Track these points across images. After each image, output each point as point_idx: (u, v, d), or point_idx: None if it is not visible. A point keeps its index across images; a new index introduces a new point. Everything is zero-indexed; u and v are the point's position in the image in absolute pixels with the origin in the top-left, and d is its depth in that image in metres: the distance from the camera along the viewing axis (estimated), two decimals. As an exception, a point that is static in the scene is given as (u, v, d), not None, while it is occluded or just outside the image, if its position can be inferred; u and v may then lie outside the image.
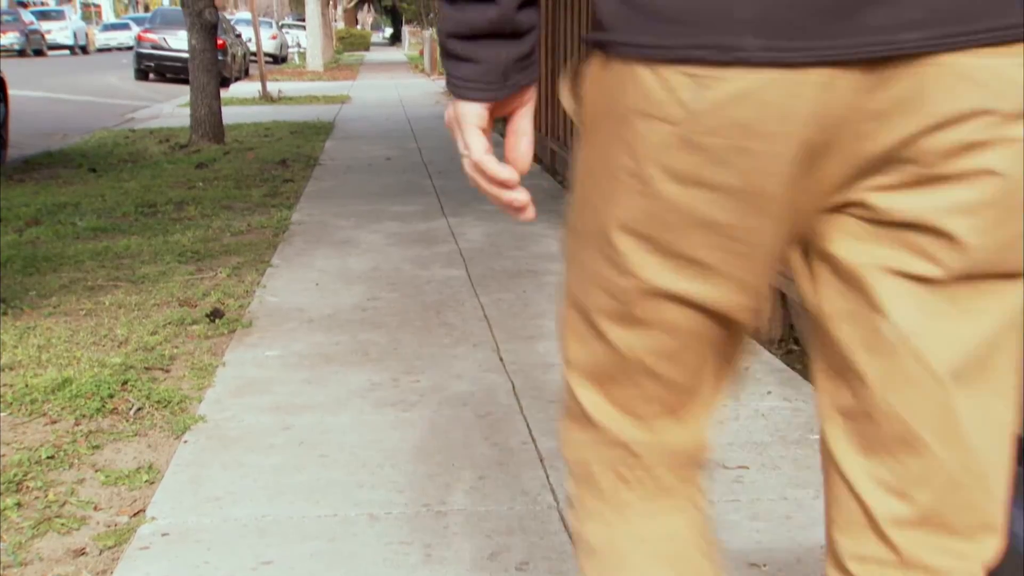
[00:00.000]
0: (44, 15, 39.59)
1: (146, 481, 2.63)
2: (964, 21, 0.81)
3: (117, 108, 16.09)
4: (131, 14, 55.44)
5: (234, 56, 23.30)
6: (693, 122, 0.86)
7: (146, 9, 56.80)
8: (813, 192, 0.90)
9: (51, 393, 3.15)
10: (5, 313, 4.06)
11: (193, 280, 4.68)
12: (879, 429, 0.92)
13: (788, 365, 3.44)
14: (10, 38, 33.31)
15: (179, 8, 10.96)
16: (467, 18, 0.92)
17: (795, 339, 3.65)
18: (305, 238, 5.64)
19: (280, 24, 42.16)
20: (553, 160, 8.32)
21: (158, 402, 3.12)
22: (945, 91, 0.83)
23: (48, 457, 2.74)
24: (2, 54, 28.64)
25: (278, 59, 34.95)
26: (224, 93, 12.75)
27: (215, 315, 4.03)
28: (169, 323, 3.96)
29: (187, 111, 10.43)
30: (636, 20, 0.87)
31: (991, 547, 0.94)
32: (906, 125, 0.85)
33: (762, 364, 3.44)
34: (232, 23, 27.76)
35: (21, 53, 33.64)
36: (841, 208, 0.91)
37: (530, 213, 1.01)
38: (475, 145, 0.98)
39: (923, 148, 0.85)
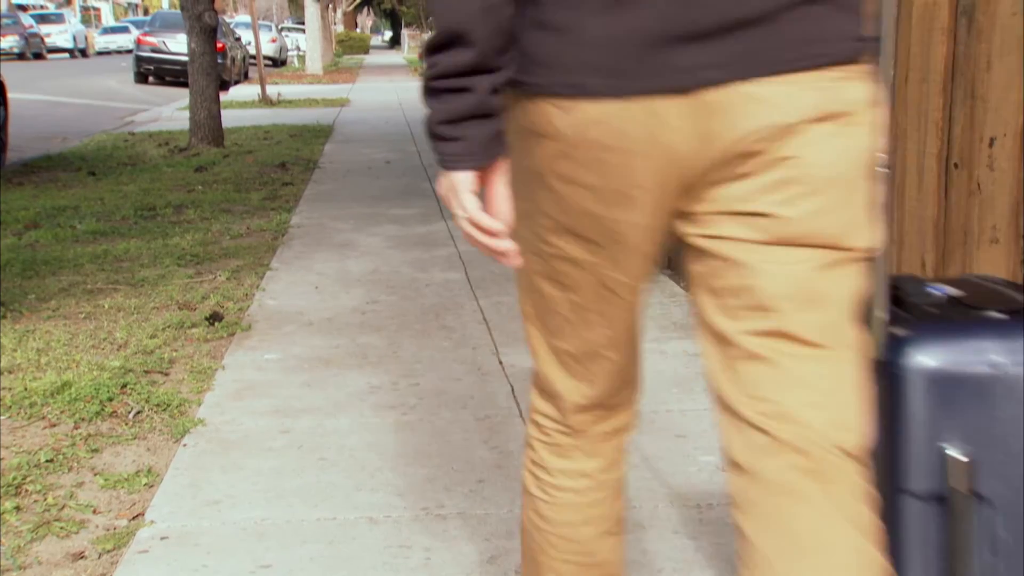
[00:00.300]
0: (44, 18, 39.60)
1: (145, 484, 2.62)
2: (749, 61, 1.10)
3: (116, 111, 16.09)
4: (131, 17, 55.47)
5: (233, 59, 23.30)
6: (564, 140, 1.16)
7: (145, 12, 56.83)
8: (667, 190, 1.17)
9: (50, 396, 3.15)
10: (4, 316, 4.06)
11: (192, 283, 4.68)
12: (738, 301, 1.20)
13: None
14: (9, 41, 33.32)
15: (179, 11, 10.96)
16: (452, 107, 1.16)
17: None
18: (304, 241, 5.64)
19: (279, 27, 42.15)
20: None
21: (157, 405, 3.12)
22: (743, 109, 1.11)
23: (47, 460, 2.74)
24: (2, 57, 28.63)
25: (277, 62, 34.95)
26: (223, 96, 12.75)
27: (214, 318, 4.03)
28: (168, 326, 3.96)
29: (186, 114, 10.43)
30: (525, 65, 1.16)
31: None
32: (722, 136, 1.12)
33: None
34: (231, 26, 27.76)
35: (20, 56, 33.66)
36: (693, 201, 1.19)
37: (517, 260, 1.23)
38: (470, 205, 1.20)
39: (737, 150, 1.13)
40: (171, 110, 15.39)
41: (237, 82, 23.42)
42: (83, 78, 24.38)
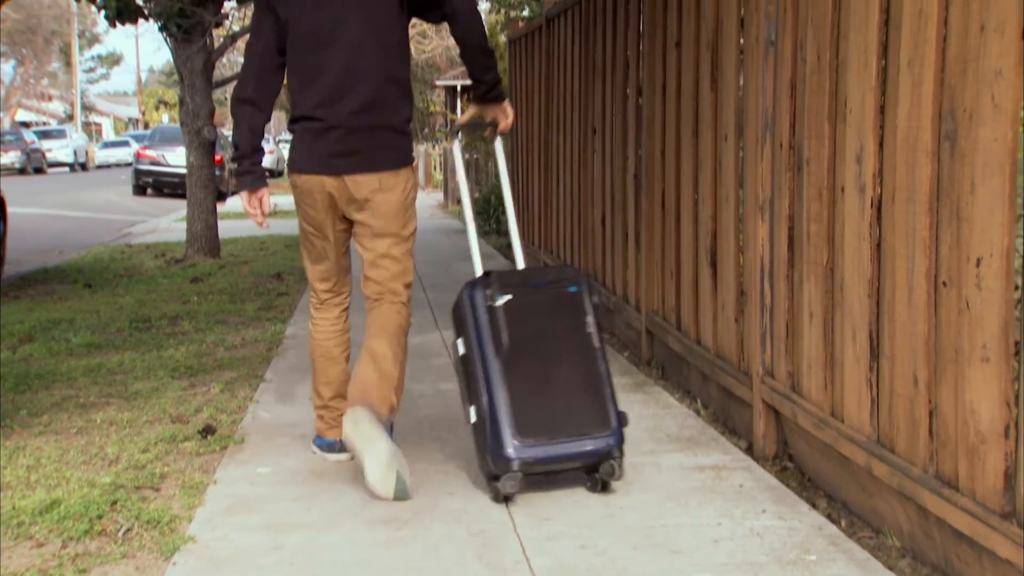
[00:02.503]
0: (46, 134, 40.30)
1: (133, 605, 2.57)
2: (356, 167, 3.43)
3: (114, 223, 16.25)
4: (131, 132, 56.32)
5: (231, 171, 23.58)
6: (298, 189, 3.54)
7: (146, 127, 57.75)
8: (335, 211, 3.52)
9: (39, 515, 3.11)
10: (-5, 432, 4.03)
11: (186, 396, 4.67)
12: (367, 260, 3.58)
13: (783, 483, 3.42)
14: (11, 157, 33.84)
15: (178, 126, 11.15)
16: (238, 170, 3.60)
17: (789, 455, 3.63)
18: (299, 352, 5.64)
19: (277, 139, 42.78)
20: (546, 272, 8.38)
21: (147, 522, 3.08)
22: (355, 185, 3.43)
23: (34, 581, 2.69)
24: (3, 173, 29.02)
25: (275, 173, 35.35)
26: (220, 207, 12.89)
27: (207, 431, 4.01)
28: (161, 440, 3.94)
29: (183, 225, 10.54)
30: (290, 159, 3.58)
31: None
32: (352, 194, 3.45)
33: (756, 481, 3.41)
34: (229, 139, 28.17)
35: (22, 171, 34.12)
36: (343, 217, 3.54)
37: (265, 225, 3.68)
38: (253, 204, 3.61)
39: (355, 198, 3.46)
40: (168, 221, 15.54)
41: (234, 193, 23.68)
42: (82, 191, 24.67)
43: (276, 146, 38.23)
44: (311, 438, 3.87)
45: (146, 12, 10.21)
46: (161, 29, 9.70)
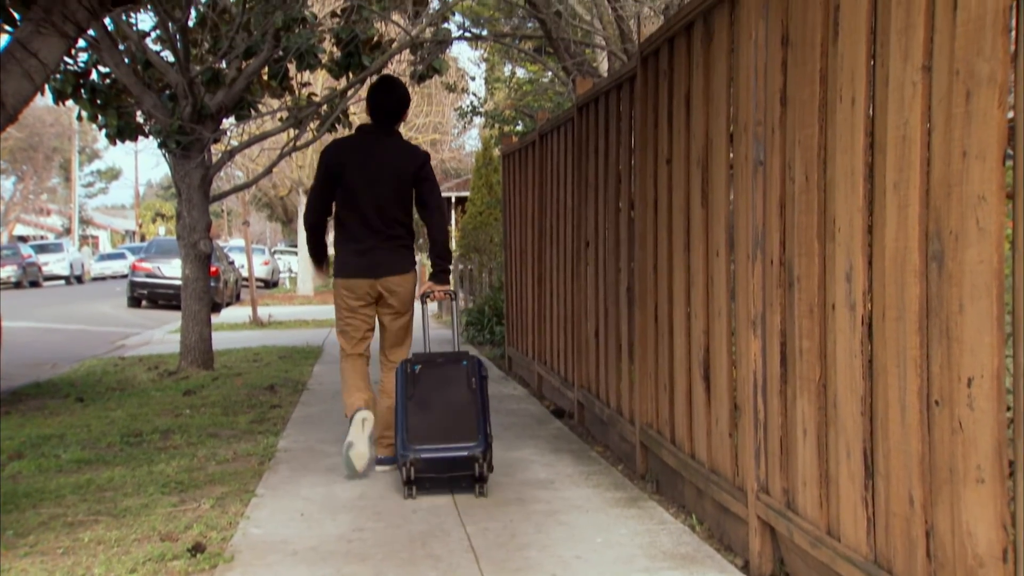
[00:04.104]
0: (43, 248, 40.72)
1: None
2: (384, 272, 5.46)
3: (108, 336, 16.24)
4: (128, 244, 56.76)
5: (226, 282, 23.71)
6: (345, 285, 5.52)
7: (143, 239, 58.22)
8: (368, 299, 5.52)
9: (23, 639, 3.05)
10: (-19, 552, 3.97)
11: (176, 512, 4.61)
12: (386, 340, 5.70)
13: (782, 599, 3.37)
14: (7, 271, 34.08)
15: (174, 239, 11.25)
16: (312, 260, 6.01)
17: (786, 574, 3.58)
18: (291, 465, 5.60)
19: (272, 250, 43.14)
20: (540, 385, 8.37)
21: (133, 647, 3.02)
22: (385, 284, 5.49)
23: None
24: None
25: (269, 284, 35.59)
26: (215, 319, 12.90)
27: (196, 549, 3.95)
28: (149, 559, 3.88)
29: (177, 337, 10.53)
30: (336, 266, 5.58)
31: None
32: (381, 288, 5.50)
33: (756, 598, 3.36)
34: (225, 250, 28.39)
35: (17, 285, 34.29)
36: (372, 304, 5.55)
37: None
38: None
39: (384, 291, 5.51)
40: (162, 333, 15.54)
41: (229, 304, 23.75)
42: (77, 304, 24.73)
43: (272, 257, 38.53)
44: (302, 556, 3.82)
45: (146, 130, 10.40)
46: (160, 146, 9.85)
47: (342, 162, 5.45)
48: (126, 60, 9.57)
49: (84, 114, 10.30)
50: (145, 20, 15.07)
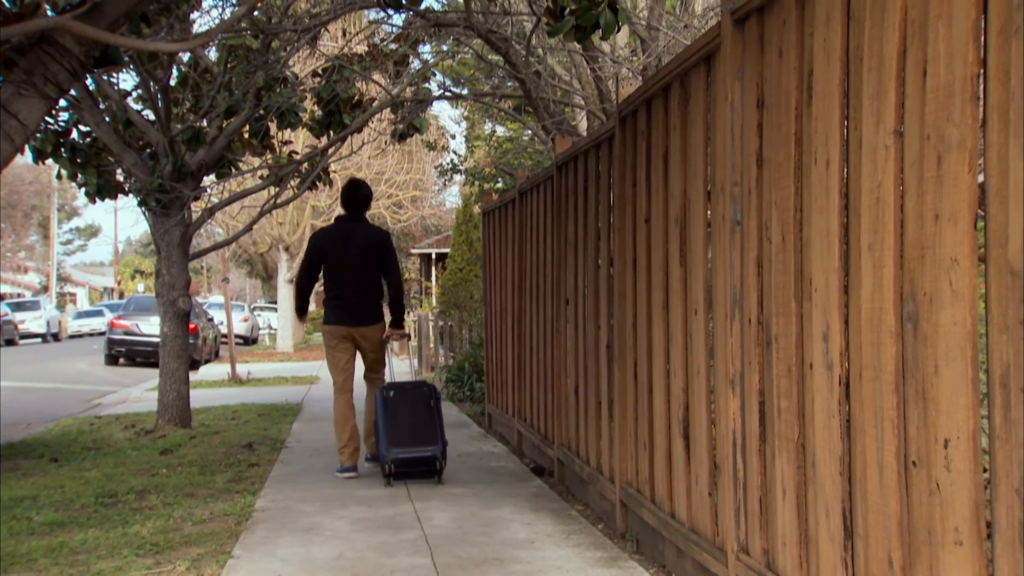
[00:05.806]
0: (20, 306, 40.35)
1: None
2: (358, 323, 7.35)
3: (85, 394, 16.09)
4: (106, 301, 56.43)
5: (205, 339, 23.59)
6: (331, 331, 7.38)
7: (121, 296, 57.93)
8: (350, 342, 7.40)
9: None
10: (-49, 617, 3.89)
11: (150, 575, 4.54)
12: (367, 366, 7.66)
13: (764, 662, 3.34)
14: None
15: (153, 296, 11.20)
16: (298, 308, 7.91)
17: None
18: (268, 525, 5.54)
19: (252, 307, 42.98)
20: (520, 442, 8.33)
21: None
22: (358, 331, 7.39)
23: None
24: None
25: (249, 340, 35.40)
26: (194, 376, 12.82)
27: (171, 615, 3.89)
28: (123, 625, 3.81)
29: (155, 395, 10.45)
30: (325, 314, 7.46)
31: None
32: (359, 334, 7.39)
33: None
34: (204, 307, 28.30)
35: (-8, 343, 33.96)
36: (352, 345, 7.46)
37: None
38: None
39: (361, 336, 7.41)
40: (139, 391, 15.41)
41: (208, 361, 23.61)
42: (54, 362, 24.52)
43: (251, 313, 38.38)
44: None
45: (126, 188, 10.40)
46: (140, 204, 9.86)
47: (325, 244, 7.42)
48: (107, 119, 9.61)
49: (64, 172, 10.30)
50: (126, 79, 15.17)
